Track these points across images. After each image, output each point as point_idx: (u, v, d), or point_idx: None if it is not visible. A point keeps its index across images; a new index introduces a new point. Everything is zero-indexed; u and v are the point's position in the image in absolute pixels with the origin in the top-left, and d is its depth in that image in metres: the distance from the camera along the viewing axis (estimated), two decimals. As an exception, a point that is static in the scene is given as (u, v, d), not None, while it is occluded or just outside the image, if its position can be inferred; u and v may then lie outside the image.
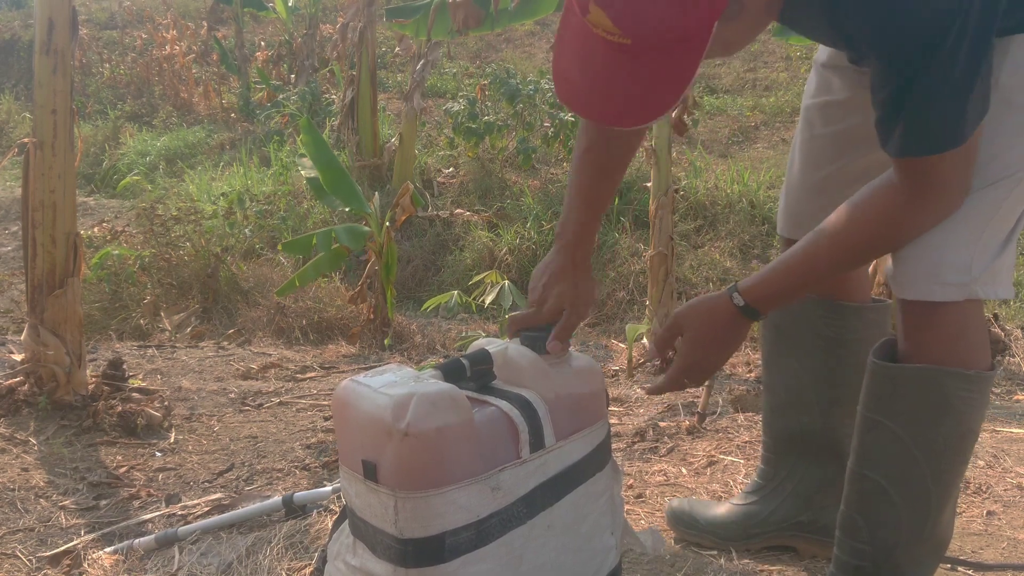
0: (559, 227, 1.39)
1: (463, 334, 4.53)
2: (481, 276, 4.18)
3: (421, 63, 6.83)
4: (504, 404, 1.14)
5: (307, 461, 2.33)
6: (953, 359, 1.20)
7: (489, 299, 3.99)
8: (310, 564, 1.63)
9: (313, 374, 3.53)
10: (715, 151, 7.85)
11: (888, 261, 1.25)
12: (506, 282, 4.01)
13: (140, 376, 3.15)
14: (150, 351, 3.79)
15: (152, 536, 1.83)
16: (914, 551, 1.30)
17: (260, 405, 2.88)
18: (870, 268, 1.61)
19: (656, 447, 2.30)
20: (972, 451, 1.32)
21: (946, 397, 1.21)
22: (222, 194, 6.72)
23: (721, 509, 1.70)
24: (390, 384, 1.09)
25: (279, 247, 5.11)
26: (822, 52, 1.49)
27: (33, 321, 2.56)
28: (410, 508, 1.05)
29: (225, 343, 4.27)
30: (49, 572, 1.74)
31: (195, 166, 8.03)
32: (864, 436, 1.29)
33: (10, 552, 1.81)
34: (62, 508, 2.04)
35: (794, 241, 1.54)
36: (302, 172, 4.76)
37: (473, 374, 1.18)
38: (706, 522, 1.68)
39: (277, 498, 1.95)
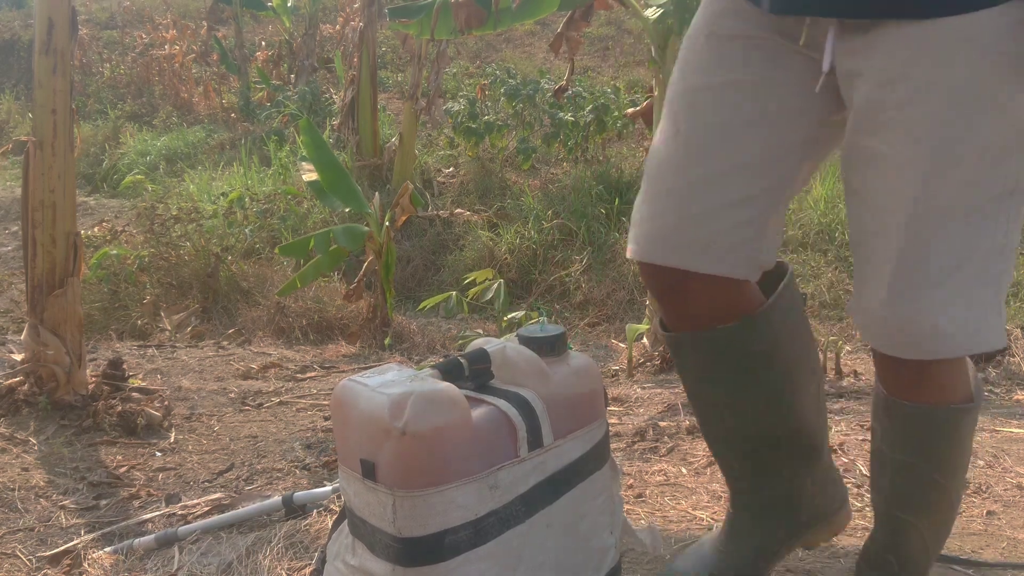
0: None
1: (463, 333, 4.53)
2: (472, 276, 4.14)
3: (436, 72, 6.85)
4: (502, 403, 1.14)
5: (307, 461, 2.34)
6: (958, 394, 1.21)
7: (488, 296, 3.98)
8: (310, 564, 1.63)
9: (313, 374, 3.53)
10: (715, 151, 7.83)
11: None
12: (500, 281, 4.00)
13: (140, 376, 3.15)
14: (150, 351, 3.79)
15: (152, 536, 1.83)
16: (931, 563, 1.34)
17: (260, 405, 2.88)
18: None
19: (656, 447, 2.29)
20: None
21: (966, 432, 1.25)
22: (222, 194, 6.72)
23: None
24: (388, 383, 1.09)
25: (276, 250, 5.11)
26: (719, 22, 1.20)
27: (33, 321, 2.56)
28: (408, 507, 1.05)
29: (225, 343, 4.28)
30: (49, 572, 1.74)
31: (195, 166, 8.03)
32: (895, 478, 1.27)
33: (10, 552, 1.81)
34: (62, 508, 2.04)
35: (661, 268, 1.25)
36: (303, 176, 4.77)
37: (471, 373, 1.18)
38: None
39: (277, 498, 1.95)
